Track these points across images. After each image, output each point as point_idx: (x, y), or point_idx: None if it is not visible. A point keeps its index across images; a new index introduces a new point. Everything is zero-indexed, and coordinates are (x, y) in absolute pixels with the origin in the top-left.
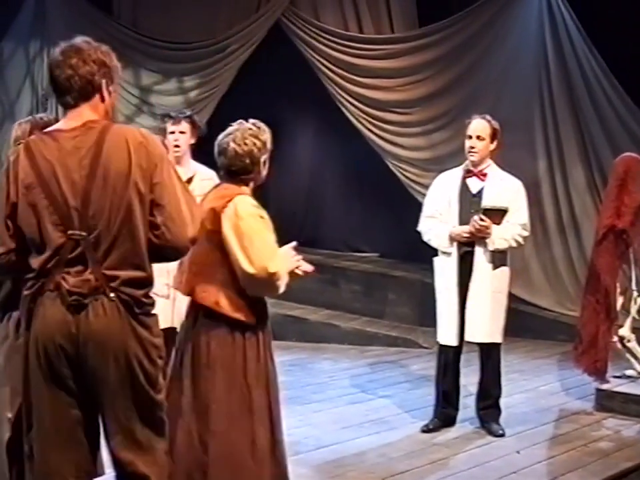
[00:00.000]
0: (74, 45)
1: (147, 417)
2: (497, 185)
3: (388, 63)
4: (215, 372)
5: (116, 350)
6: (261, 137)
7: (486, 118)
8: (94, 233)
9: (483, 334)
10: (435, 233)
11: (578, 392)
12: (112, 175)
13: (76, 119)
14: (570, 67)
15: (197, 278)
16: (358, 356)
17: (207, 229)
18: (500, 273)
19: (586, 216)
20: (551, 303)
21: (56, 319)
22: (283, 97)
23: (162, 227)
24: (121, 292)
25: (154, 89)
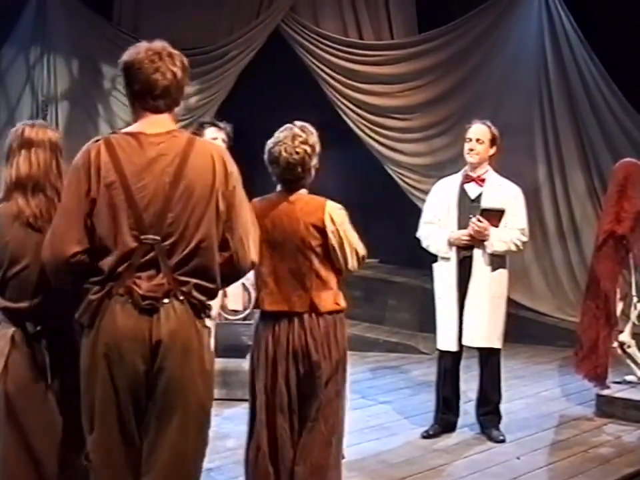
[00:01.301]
0: (168, 49)
1: (203, 437)
2: (496, 190)
3: (388, 69)
4: (342, 358)
5: (185, 353)
6: (310, 142)
7: (486, 123)
8: (169, 240)
9: (480, 338)
10: (434, 238)
11: (578, 398)
12: (195, 188)
13: (159, 125)
14: (569, 72)
15: (313, 290)
16: (358, 362)
17: (311, 246)
18: (499, 277)
19: (586, 221)
20: (551, 309)
21: (130, 324)
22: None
23: (232, 250)
24: (191, 296)
25: None
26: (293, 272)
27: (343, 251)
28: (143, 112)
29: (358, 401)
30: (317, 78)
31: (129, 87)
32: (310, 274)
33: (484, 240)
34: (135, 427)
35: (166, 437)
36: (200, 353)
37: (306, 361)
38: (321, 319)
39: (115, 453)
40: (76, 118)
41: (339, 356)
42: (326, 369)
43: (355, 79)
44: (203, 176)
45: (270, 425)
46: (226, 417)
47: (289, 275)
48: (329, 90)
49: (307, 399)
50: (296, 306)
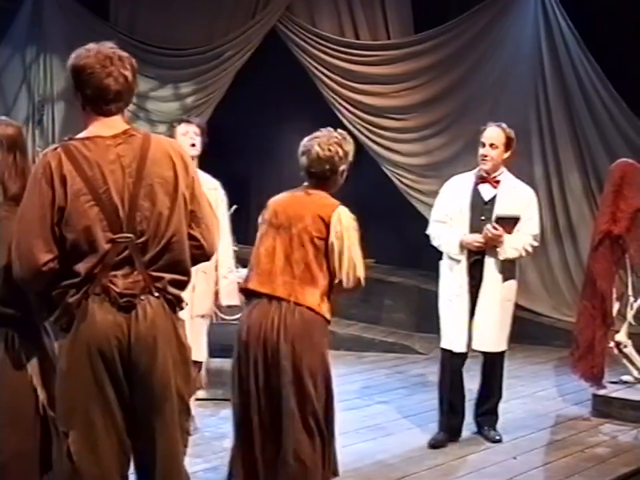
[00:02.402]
0: (118, 52)
1: (181, 425)
2: (510, 193)
3: (384, 69)
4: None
5: (163, 346)
6: (344, 147)
7: (501, 126)
8: (142, 237)
9: (490, 343)
10: (446, 239)
11: (575, 398)
12: (159, 184)
13: (113, 127)
14: (566, 73)
15: (299, 281)
16: (354, 362)
17: (312, 235)
18: (509, 281)
19: (582, 222)
20: (547, 309)
21: (108, 322)
22: (278, 103)
23: (201, 239)
24: (166, 291)
25: (150, 95)
26: (287, 257)
27: (341, 257)
28: (95, 116)
29: (354, 401)
30: (313, 78)
31: (79, 90)
32: (300, 263)
33: (497, 246)
34: (122, 423)
35: (154, 430)
36: (178, 346)
37: (274, 349)
38: (298, 309)
39: (101, 450)
40: (73, 118)
41: (312, 357)
42: (292, 364)
43: (351, 79)
44: (164, 171)
45: (244, 419)
46: (223, 417)
47: (282, 259)
48: (325, 90)
49: (275, 390)
50: (278, 290)
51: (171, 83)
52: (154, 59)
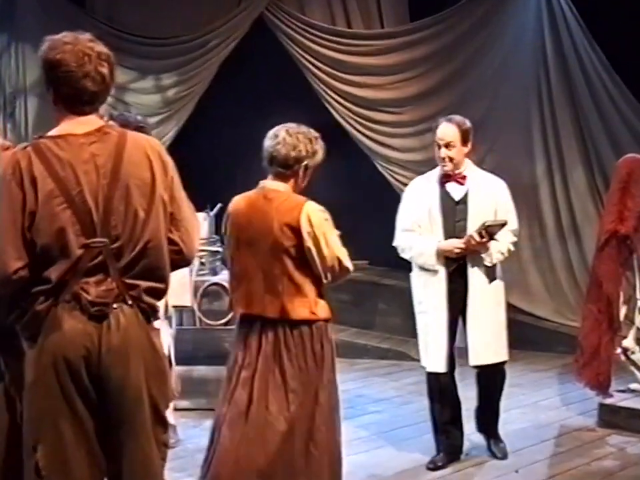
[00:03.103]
0: (97, 48)
1: (157, 438)
2: (481, 188)
3: (377, 60)
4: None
5: (136, 357)
6: (313, 144)
7: (453, 121)
8: (117, 242)
9: (488, 355)
10: (419, 249)
11: (579, 407)
12: (135, 185)
13: (87, 124)
14: (570, 63)
15: (286, 295)
16: (346, 369)
17: (285, 247)
18: (495, 284)
19: (587, 221)
20: (550, 313)
21: (77, 331)
22: (266, 96)
23: (180, 243)
24: (140, 300)
25: (130, 87)
26: (265, 273)
27: (321, 255)
28: (68, 114)
29: (346, 410)
30: (302, 69)
31: (52, 86)
32: (282, 277)
33: (481, 252)
34: (94, 435)
35: (126, 444)
36: (153, 357)
37: (281, 373)
38: (295, 330)
39: (72, 463)
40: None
41: (316, 368)
42: (302, 383)
43: (342, 70)
44: (141, 172)
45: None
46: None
47: (261, 277)
48: (315, 82)
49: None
50: (267, 310)
51: (152, 74)
52: (134, 48)
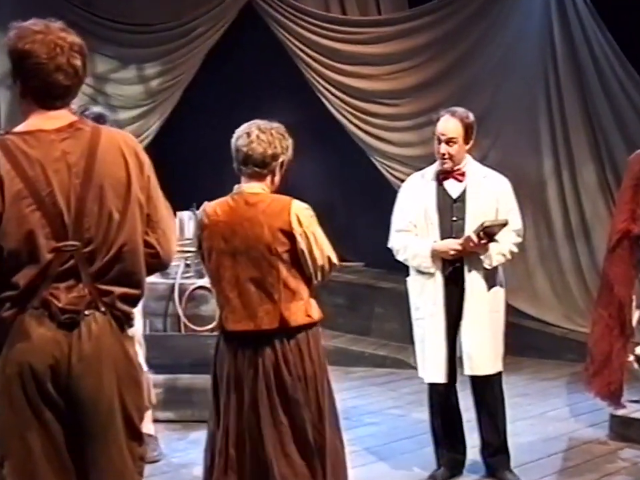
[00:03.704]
0: (69, 39)
1: (132, 452)
2: (481, 185)
3: (374, 49)
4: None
5: (108, 367)
6: (285, 139)
7: (456, 114)
8: (89, 246)
9: (484, 366)
10: (413, 251)
11: (590, 418)
12: (110, 185)
13: (58, 119)
14: (579, 52)
15: (283, 302)
16: (341, 378)
17: (279, 252)
18: (495, 288)
19: (597, 220)
20: (558, 318)
21: (45, 339)
22: (255, 87)
23: (157, 246)
24: (114, 307)
25: (110, 77)
26: (257, 283)
27: (312, 256)
28: (37, 108)
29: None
30: (294, 58)
31: (20, 78)
32: (278, 284)
33: (479, 253)
34: (65, 449)
35: (99, 459)
36: (127, 367)
37: (280, 386)
38: (292, 339)
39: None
40: None
41: (315, 374)
42: (303, 391)
43: (337, 59)
44: (116, 171)
45: (235, 458)
46: (192, 440)
47: (253, 287)
48: (308, 72)
49: (279, 428)
50: (263, 323)
51: (134, 63)
52: (114, 36)
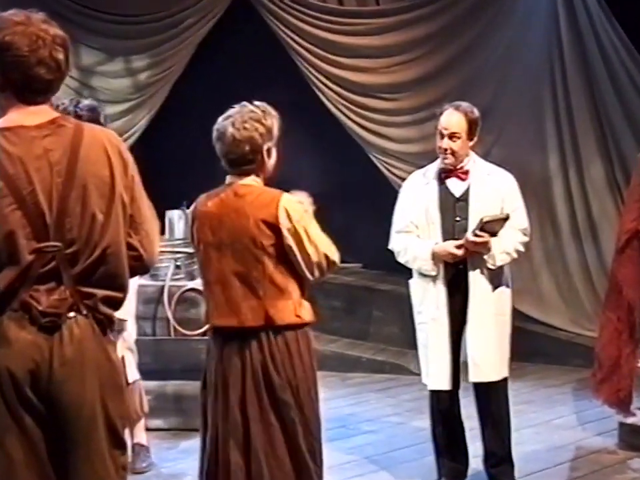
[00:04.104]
0: (51, 31)
1: (115, 461)
2: (485, 183)
3: (372, 40)
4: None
5: (91, 372)
6: (264, 122)
7: (461, 108)
8: (72, 247)
9: (490, 371)
10: (414, 253)
11: (598, 426)
12: (93, 185)
13: (39, 115)
14: (586, 43)
15: (268, 300)
16: (337, 384)
17: (264, 246)
18: (500, 290)
19: (605, 219)
20: (564, 322)
21: (25, 342)
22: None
23: (140, 249)
24: (96, 310)
25: (97, 70)
26: (242, 278)
27: (304, 253)
28: (17, 102)
29: (337, 430)
30: (289, 51)
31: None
32: (263, 280)
33: (483, 254)
34: (46, 457)
35: (80, 468)
36: (110, 372)
37: (268, 386)
38: (280, 337)
39: None
40: None
41: (306, 378)
42: (292, 394)
43: (334, 51)
44: (100, 170)
45: (222, 461)
46: (182, 450)
47: (238, 282)
48: (303, 65)
49: (269, 429)
50: (248, 319)
51: (122, 55)
52: (101, 26)
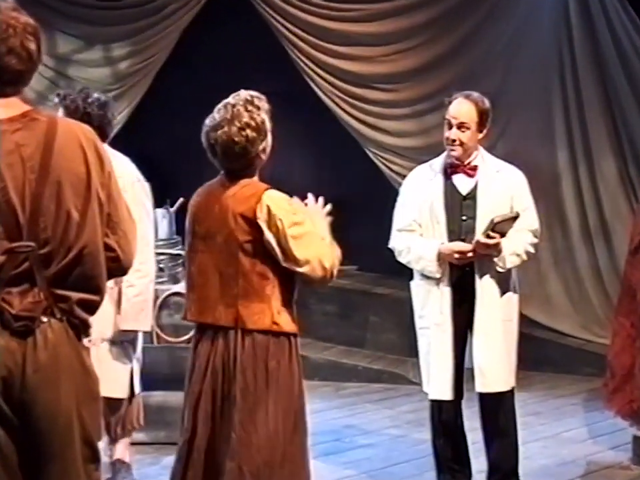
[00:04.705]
0: (22, 19)
1: (90, 476)
2: (494, 180)
3: (369, 27)
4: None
5: (66, 379)
6: (254, 123)
7: (471, 97)
8: (46, 247)
9: (497, 381)
10: (418, 253)
11: (610, 440)
12: (69, 181)
13: (10, 108)
14: (598, 30)
15: (242, 300)
16: (331, 395)
17: (240, 242)
18: (508, 294)
19: (618, 219)
20: (574, 328)
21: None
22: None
23: (117, 249)
24: (71, 314)
25: (73, 59)
26: (221, 274)
27: (283, 247)
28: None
29: (332, 444)
30: (280, 38)
31: None
32: (237, 277)
33: (492, 255)
34: (19, 470)
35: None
36: (85, 380)
37: (225, 389)
38: (248, 337)
39: None
40: None
41: (266, 390)
42: (245, 402)
43: (327, 39)
44: (75, 166)
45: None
46: (165, 465)
47: (217, 278)
48: (295, 53)
49: (214, 437)
50: (221, 318)
51: (101, 43)
52: (79, 12)
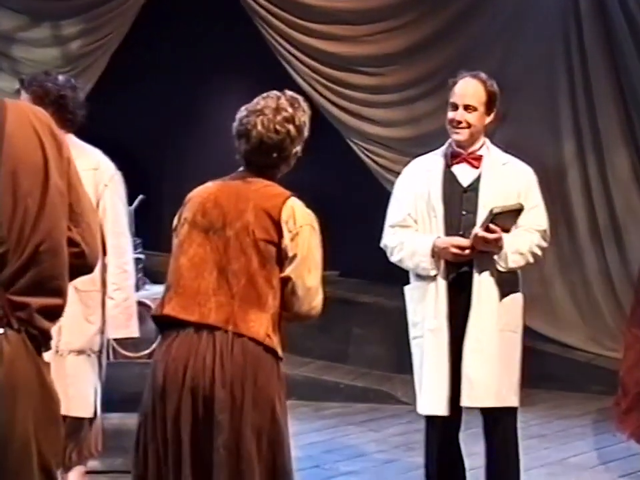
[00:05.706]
0: None
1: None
2: (499, 173)
3: (352, 3)
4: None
5: (24, 399)
6: (297, 121)
7: (479, 77)
8: (1, 247)
9: (488, 396)
10: (412, 248)
11: (622, 466)
12: (24, 170)
13: None
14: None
15: (239, 301)
16: (311, 416)
17: (256, 237)
18: (510, 301)
19: (631, 219)
20: (582, 340)
21: None
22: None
23: (81, 243)
24: (31, 324)
25: (18, 37)
26: (221, 269)
27: (298, 266)
28: None
29: (310, 471)
30: (252, 15)
31: None
32: (241, 276)
33: (493, 252)
34: None
35: None
36: (45, 400)
37: (207, 399)
38: (239, 342)
39: None
40: None
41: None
42: (230, 415)
43: (306, 16)
44: (30, 154)
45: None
46: None
47: (215, 272)
48: (269, 32)
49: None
50: (209, 316)
51: (48, 20)
52: None
